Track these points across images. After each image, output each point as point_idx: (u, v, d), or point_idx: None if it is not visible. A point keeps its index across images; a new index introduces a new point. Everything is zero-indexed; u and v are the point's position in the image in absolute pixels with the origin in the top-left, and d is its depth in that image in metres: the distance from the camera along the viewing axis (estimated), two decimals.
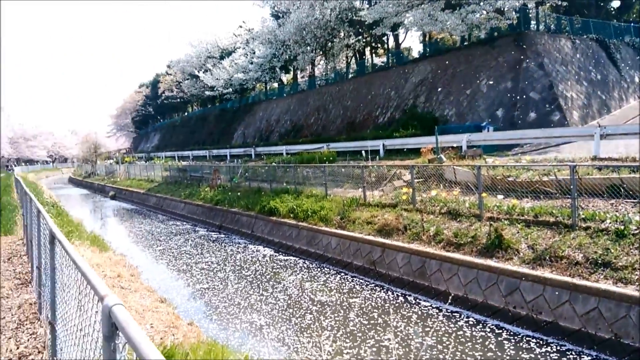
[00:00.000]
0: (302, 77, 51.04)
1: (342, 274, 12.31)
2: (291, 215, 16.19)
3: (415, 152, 21.17)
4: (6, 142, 66.06)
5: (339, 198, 15.62)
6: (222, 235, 19.27)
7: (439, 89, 27.66)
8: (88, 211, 31.82)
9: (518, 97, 23.10)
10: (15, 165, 69.65)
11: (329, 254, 13.51)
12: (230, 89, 54.04)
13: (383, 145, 25.10)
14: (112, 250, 13.66)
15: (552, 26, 29.03)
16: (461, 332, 8.26)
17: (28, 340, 5.51)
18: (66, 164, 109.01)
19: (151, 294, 9.33)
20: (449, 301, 9.33)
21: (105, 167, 53.16)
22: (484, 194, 11.15)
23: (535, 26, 27.93)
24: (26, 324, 5.99)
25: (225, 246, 17.14)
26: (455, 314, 9.08)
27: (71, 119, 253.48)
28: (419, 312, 9.36)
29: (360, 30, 35.71)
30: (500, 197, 11.37)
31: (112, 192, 39.29)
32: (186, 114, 77.71)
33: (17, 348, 5.26)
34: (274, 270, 13.37)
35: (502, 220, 10.33)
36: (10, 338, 5.53)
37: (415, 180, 13.39)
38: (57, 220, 13.96)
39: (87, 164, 60.96)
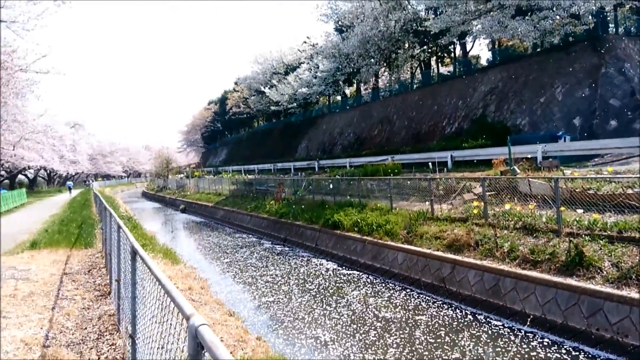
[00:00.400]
0: (366, 89, 50.97)
1: (408, 291, 11.93)
2: (355, 229, 15.99)
3: (486, 163, 20.37)
4: (86, 158, 70.64)
5: (405, 212, 15.24)
6: (287, 249, 19.38)
7: (511, 98, 26.57)
8: (160, 224, 33.20)
9: (597, 105, 21.70)
10: (93, 181, 74.35)
11: (395, 270, 13.16)
12: (295, 104, 54.94)
13: (451, 156, 24.37)
14: (183, 262, 14.05)
15: (632, 29, 27.15)
16: (534, 353, 7.71)
17: (108, 351, 5.68)
18: (140, 179, 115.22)
19: (220, 307, 9.44)
20: (524, 321, 8.76)
21: (176, 181, 55.42)
22: (562, 208, 10.44)
23: (614, 30, 26.23)
24: (106, 335, 6.19)
25: (289, 259, 17.19)
26: (529, 335, 8.52)
27: (145, 135, 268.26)
28: (490, 332, 8.86)
29: (425, 40, 35.17)
30: (580, 211, 10.59)
31: (183, 205, 40.81)
32: (252, 128, 79.87)
33: (98, 358, 5.44)
34: (338, 284, 13.20)
35: (583, 236, 9.61)
36: (91, 348, 5.73)
37: (487, 193, 12.80)
38: (133, 233, 14.60)
39: (159, 179, 63.92)
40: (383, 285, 12.68)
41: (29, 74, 18.23)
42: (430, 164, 22.91)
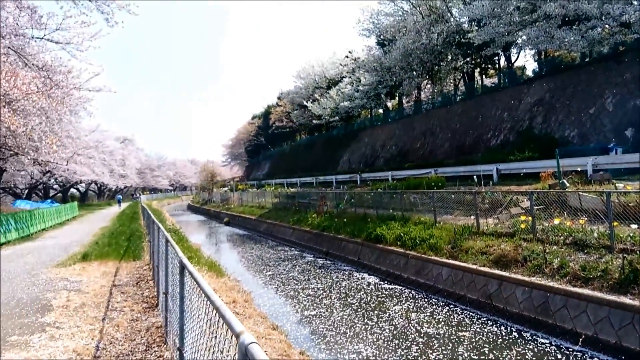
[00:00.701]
0: (408, 101, 50.62)
1: (452, 307, 11.67)
2: (398, 243, 15.83)
3: (533, 176, 19.76)
4: (134, 172, 73.32)
5: (449, 226, 14.98)
6: (329, 262, 19.37)
7: (558, 109, 25.75)
8: (204, 236, 33.92)
9: None
10: (139, 194, 76.95)
11: (439, 285, 12.91)
12: (337, 117, 55.19)
13: (497, 169, 23.80)
14: (227, 275, 14.29)
15: None
16: None
17: None
18: (186, 192, 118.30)
19: (264, 320, 9.54)
20: (575, 340, 8.42)
21: (220, 194, 56.54)
22: (615, 223, 10.00)
23: None
24: (154, 347, 6.37)
25: (331, 273, 17.18)
26: (579, 354, 8.19)
27: (191, 149, 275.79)
28: (537, 349, 8.58)
29: (468, 52, 34.65)
30: (634, 226, 10.10)
31: (227, 218, 41.57)
32: (294, 142, 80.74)
33: None
34: (380, 299, 13.07)
35: (638, 252, 9.17)
36: None
37: (535, 208, 12.40)
38: (179, 246, 14.98)
39: (204, 192, 65.41)
40: (426, 300, 12.47)
41: (82, 92, 19.22)
42: (474, 177, 22.44)
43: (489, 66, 39.50)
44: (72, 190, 63.81)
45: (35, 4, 12.78)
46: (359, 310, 12.08)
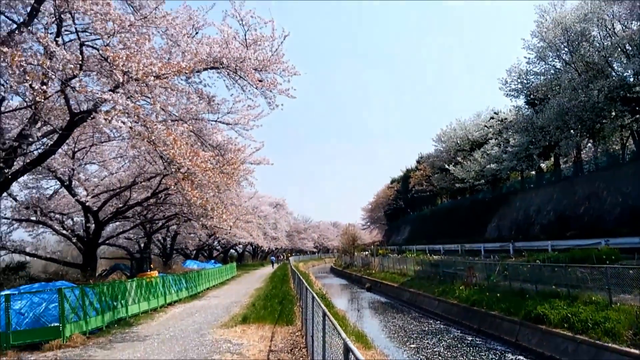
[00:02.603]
0: (565, 162, 46.66)
1: None
2: (565, 325, 14.11)
3: None
4: (284, 235, 77.74)
5: (629, 307, 13.01)
6: (479, 340, 17.95)
7: None
8: (347, 301, 34.06)
9: None
10: (283, 255, 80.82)
11: None
12: (482, 180, 52.92)
13: None
14: (374, 348, 14.02)
15: None
16: None
17: None
18: (328, 254, 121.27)
19: None
20: None
21: (361, 258, 56.84)
22: None
23: None
24: None
25: (482, 352, 15.85)
26: None
27: (332, 212, 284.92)
28: None
29: (637, 108, 31.22)
30: None
31: (368, 284, 41.38)
32: (436, 206, 78.85)
33: None
34: None
35: None
36: None
37: None
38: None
39: (345, 255, 66.35)
40: None
41: (245, 165, 21.39)
42: None
43: None
44: (231, 250, 69.53)
45: (211, 92, 14.84)
46: None
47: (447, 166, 57.19)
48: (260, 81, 13.50)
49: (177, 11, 12.34)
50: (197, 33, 13.20)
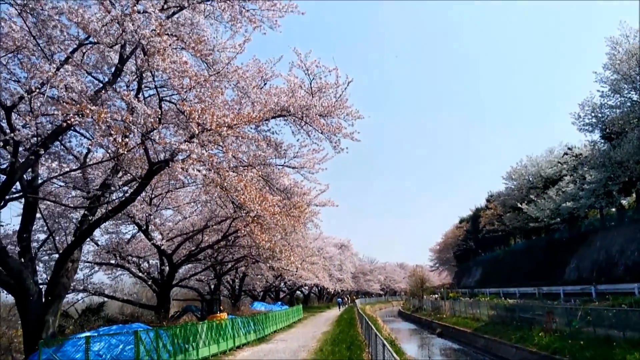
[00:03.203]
0: None
1: None
2: None
3: None
4: (349, 277, 77.02)
5: None
6: None
7: None
8: (417, 348, 32.85)
9: None
10: (347, 298, 79.58)
11: None
12: (558, 219, 50.17)
13: None
14: None
15: None
16: None
17: None
18: (395, 297, 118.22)
19: None
20: None
21: (431, 302, 55.00)
22: None
23: None
24: None
25: None
26: None
27: (399, 253, 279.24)
28: None
29: None
30: None
31: (439, 329, 39.79)
32: (508, 247, 75.31)
33: None
34: None
35: None
36: None
37: None
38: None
39: (414, 299, 64.41)
40: None
41: (311, 207, 21.79)
42: None
43: None
44: (297, 292, 69.70)
45: (278, 138, 15.46)
46: None
47: (519, 205, 54.88)
48: (325, 126, 13.95)
49: (247, 65, 13.19)
50: (265, 84, 13.96)
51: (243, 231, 16.26)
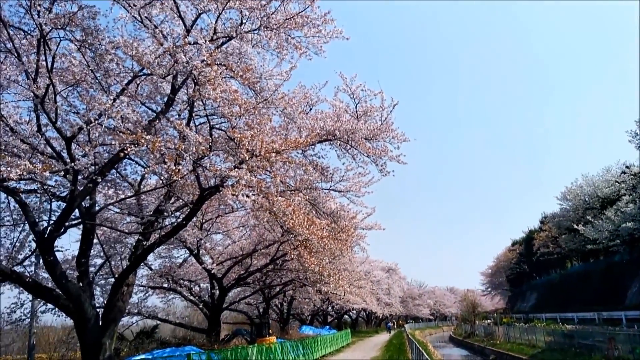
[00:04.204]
0: None
1: None
2: None
3: None
4: (398, 301, 75.38)
5: None
6: None
7: None
8: None
9: None
10: (393, 323, 77.57)
11: None
12: (617, 240, 47.53)
13: None
14: None
15: None
16: None
17: None
18: (446, 322, 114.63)
19: None
20: None
21: (483, 327, 53.06)
22: None
23: None
24: None
25: None
26: None
27: (448, 277, 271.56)
28: None
29: None
30: None
31: (493, 355, 38.20)
32: (565, 270, 71.81)
33: None
34: None
35: None
36: None
37: None
38: None
39: (465, 324, 62.24)
40: None
41: (357, 231, 21.66)
42: None
43: None
44: (345, 316, 68.82)
45: (324, 162, 15.54)
46: None
47: (575, 226, 52.45)
48: (370, 149, 13.93)
49: (294, 91, 13.43)
50: (310, 109, 14.15)
51: (291, 255, 16.33)
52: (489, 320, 59.78)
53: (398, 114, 22.01)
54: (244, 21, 11.22)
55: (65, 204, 11.18)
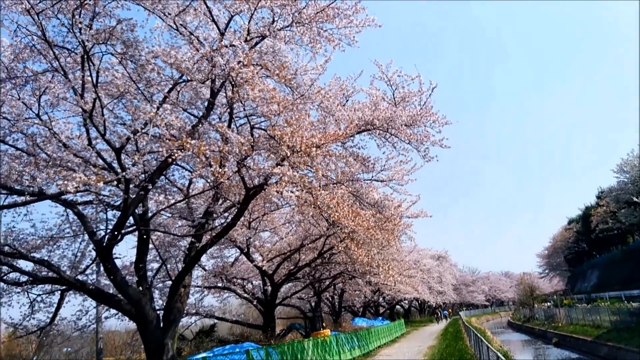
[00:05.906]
0: None
1: None
2: None
3: None
4: (450, 289, 74.11)
5: None
6: None
7: None
8: (532, 359, 30.78)
9: None
10: (445, 311, 76.27)
11: None
12: None
13: None
14: None
15: None
16: None
17: None
18: (503, 307, 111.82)
19: None
20: None
21: (543, 310, 51.53)
22: None
23: None
24: None
25: None
26: None
27: (502, 261, 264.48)
28: None
29: None
30: None
31: (555, 338, 37.12)
32: (627, 246, 68.46)
33: None
34: None
35: None
36: None
37: None
38: None
39: (524, 308, 60.58)
40: None
41: (403, 220, 21.45)
42: None
43: None
44: (397, 307, 68.36)
45: (364, 152, 15.45)
46: None
47: (635, 199, 49.93)
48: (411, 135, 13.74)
49: (329, 84, 13.42)
50: (347, 100, 14.10)
51: (338, 247, 16.37)
52: (548, 303, 57.96)
53: (437, 97, 21.59)
54: (275, 19, 11.30)
55: (119, 213, 11.63)
